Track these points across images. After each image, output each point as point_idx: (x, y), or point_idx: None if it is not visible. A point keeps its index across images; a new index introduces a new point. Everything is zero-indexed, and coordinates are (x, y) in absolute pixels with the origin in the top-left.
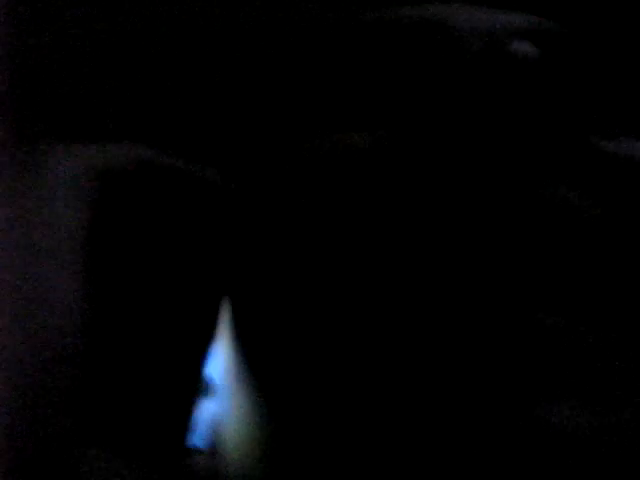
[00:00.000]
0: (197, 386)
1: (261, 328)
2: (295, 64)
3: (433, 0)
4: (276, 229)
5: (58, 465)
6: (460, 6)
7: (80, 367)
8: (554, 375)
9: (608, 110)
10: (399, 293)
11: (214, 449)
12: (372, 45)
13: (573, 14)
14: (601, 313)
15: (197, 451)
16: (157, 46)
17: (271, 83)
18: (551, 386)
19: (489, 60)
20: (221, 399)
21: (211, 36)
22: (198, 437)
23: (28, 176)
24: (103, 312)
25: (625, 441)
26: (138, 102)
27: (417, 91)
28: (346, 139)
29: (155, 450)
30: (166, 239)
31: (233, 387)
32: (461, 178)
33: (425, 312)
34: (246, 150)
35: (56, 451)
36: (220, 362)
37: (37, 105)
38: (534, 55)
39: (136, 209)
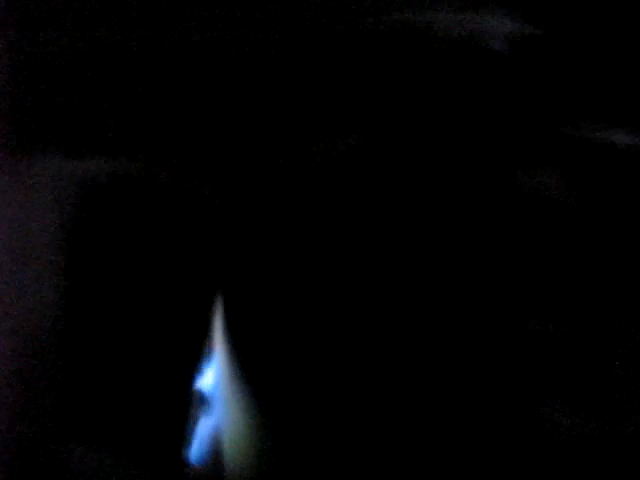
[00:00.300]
0: (190, 392)
1: (256, 335)
2: (281, 74)
3: (421, 6)
4: (267, 234)
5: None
6: (446, 12)
7: (66, 368)
8: (546, 378)
9: (585, 101)
10: (393, 296)
11: (214, 461)
12: (359, 52)
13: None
14: (588, 314)
15: (196, 466)
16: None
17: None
18: (544, 388)
19: (467, 58)
20: (218, 413)
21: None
22: (196, 452)
23: (11, 185)
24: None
25: (614, 438)
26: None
27: (401, 92)
28: (332, 144)
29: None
30: (150, 247)
31: (229, 400)
32: (443, 174)
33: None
34: (235, 155)
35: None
36: (216, 376)
37: (22, 115)
38: (507, 53)
39: (117, 219)
